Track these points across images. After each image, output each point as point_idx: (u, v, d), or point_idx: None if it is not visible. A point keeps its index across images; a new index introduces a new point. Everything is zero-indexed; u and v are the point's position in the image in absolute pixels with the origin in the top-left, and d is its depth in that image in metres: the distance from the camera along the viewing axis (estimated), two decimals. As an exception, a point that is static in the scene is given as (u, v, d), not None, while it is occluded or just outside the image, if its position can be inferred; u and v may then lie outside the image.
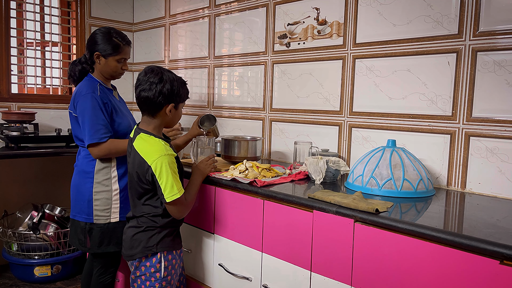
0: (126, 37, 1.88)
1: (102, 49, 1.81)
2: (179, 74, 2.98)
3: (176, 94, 1.53)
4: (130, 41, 1.90)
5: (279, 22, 2.28)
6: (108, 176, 1.81)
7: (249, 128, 2.49)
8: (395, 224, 1.15)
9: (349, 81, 1.97)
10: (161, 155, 1.45)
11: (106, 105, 1.78)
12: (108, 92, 1.86)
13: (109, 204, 1.81)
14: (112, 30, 1.85)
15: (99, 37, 1.82)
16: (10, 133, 2.56)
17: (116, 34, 1.84)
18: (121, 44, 1.84)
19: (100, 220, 1.81)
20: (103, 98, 1.79)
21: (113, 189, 1.82)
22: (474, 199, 1.51)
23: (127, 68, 1.91)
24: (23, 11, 2.92)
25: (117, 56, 1.83)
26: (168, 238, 1.56)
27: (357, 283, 1.26)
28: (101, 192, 1.81)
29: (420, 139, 1.74)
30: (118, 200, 1.82)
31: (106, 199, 1.81)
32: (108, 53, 1.82)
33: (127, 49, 1.87)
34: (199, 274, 1.85)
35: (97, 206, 1.80)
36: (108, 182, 1.81)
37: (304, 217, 1.40)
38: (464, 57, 1.61)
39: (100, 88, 1.81)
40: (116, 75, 1.89)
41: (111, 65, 1.84)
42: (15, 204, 2.89)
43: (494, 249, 0.97)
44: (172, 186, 1.45)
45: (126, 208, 1.84)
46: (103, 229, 1.80)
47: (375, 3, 1.86)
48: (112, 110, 1.81)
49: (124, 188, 1.83)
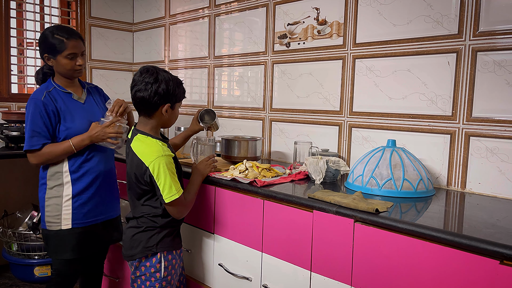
0: (72, 30, 1.76)
1: (48, 50, 1.73)
2: (179, 74, 2.98)
3: (172, 94, 1.52)
4: (76, 34, 1.77)
5: (279, 22, 2.28)
6: (59, 182, 1.76)
7: (249, 128, 2.49)
8: (395, 224, 1.15)
9: (349, 81, 1.97)
10: (158, 156, 1.45)
11: (50, 110, 1.71)
12: (63, 96, 1.77)
13: (59, 210, 1.76)
14: (54, 27, 1.75)
15: (42, 38, 1.74)
16: (10, 133, 2.56)
17: (57, 30, 1.73)
18: (64, 40, 1.71)
19: (52, 227, 1.76)
20: (48, 103, 1.71)
21: (64, 195, 1.76)
22: (474, 199, 1.51)
23: (83, 62, 1.77)
24: (23, 11, 2.92)
25: (64, 52, 1.71)
26: (168, 238, 1.56)
27: (357, 283, 1.26)
28: (52, 198, 1.77)
29: (420, 139, 1.74)
30: (70, 206, 1.76)
31: (56, 205, 1.76)
32: (54, 51, 1.72)
33: (73, 43, 1.73)
34: (199, 274, 1.84)
35: (48, 212, 1.77)
36: (59, 188, 1.76)
37: (304, 217, 1.40)
38: (464, 57, 1.61)
39: (49, 93, 1.74)
40: (72, 73, 1.77)
41: (62, 63, 1.73)
42: (15, 204, 2.89)
43: (494, 249, 0.97)
44: (170, 186, 1.45)
45: (82, 215, 1.78)
46: (55, 236, 1.76)
47: (375, 3, 1.86)
48: (59, 115, 1.73)
49: (79, 193, 1.77)
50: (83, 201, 1.79)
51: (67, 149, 1.72)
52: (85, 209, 1.79)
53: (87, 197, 1.80)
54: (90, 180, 1.80)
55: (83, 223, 1.79)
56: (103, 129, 1.74)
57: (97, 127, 1.75)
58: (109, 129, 1.74)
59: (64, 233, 1.76)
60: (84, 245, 1.81)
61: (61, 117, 1.74)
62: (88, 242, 1.82)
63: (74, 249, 1.78)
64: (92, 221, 1.82)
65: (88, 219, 1.81)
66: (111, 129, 1.74)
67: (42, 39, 1.74)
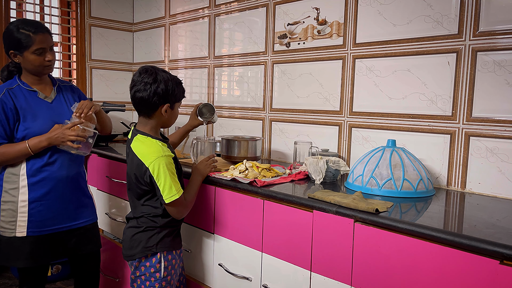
0: (39, 24, 1.65)
1: (13, 46, 1.62)
2: (179, 74, 2.98)
3: (171, 94, 1.52)
4: (43, 27, 1.66)
5: (279, 22, 2.28)
6: (15, 186, 1.65)
7: (249, 128, 2.49)
8: (395, 224, 1.15)
9: (349, 81, 1.97)
10: (158, 157, 1.45)
11: (8, 109, 1.61)
12: (27, 94, 1.67)
13: (14, 216, 1.64)
14: (19, 21, 1.64)
15: (6, 33, 1.63)
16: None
17: (22, 24, 1.61)
18: (30, 34, 1.60)
19: (5, 233, 1.65)
20: (7, 101, 1.61)
21: (19, 200, 1.65)
22: (474, 199, 1.51)
23: (51, 57, 1.67)
24: (23, 11, 2.92)
25: (31, 47, 1.61)
26: (168, 238, 1.56)
27: (357, 283, 1.26)
28: (8, 202, 1.65)
29: (420, 139, 1.74)
30: (26, 212, 1.65)
31: (12, 211, 1.65)
32: (20, 47, 1.61)
33: (40, 37, 1.62)
34: (199, 274, 1.84)
35: (2, 217, 1.66)
36: (15, 192, 1.65)
37: (304, 217, 1.40)
38: (464, 57, 1.61)
39: (9, 91, 1.64)
40: (42, 69, 1.67)
41: (30, 59, 1.63)
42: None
43: (494, 249, 0.97)
44: (170, 187, 1.45)
45: (39, 223, 1.67)
46: (8, 243, 1.65)
47: (375, 3, 1.86)
48: (18, 114, 1.63)
49: (37, 200, 1.66)
50: (41, 208, 1.67)
51: (22, 151, 1.60)
52: (43, 217, 1.67)
53: (46, 204, 1.68)
54: (50, 186, 1.68)
55: (39, 232, 1.68)
56: (63, 130, 1.61)
57: (57, 129, 1.63)
58: (70, 131, 1.61)
59: (17, 241, 1.65)
60: (39, 254, 1.69)
61: (20, 116, 1.63)
62: (44, 251, 1.70)
63: (27, 258, 1.66)
64: (51, 230, 1.70)
65: (45, 228, 1.69)
66: (72, 132, 1.61)
67: (6, 35, 1.63)
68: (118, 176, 2.33)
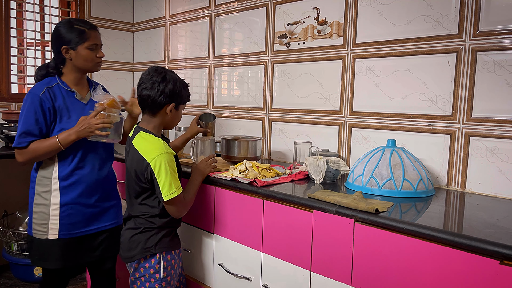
0: (90, 22, 1.72)
1: (67, 41, 1.64)
2: (179, 74, 2.98)
3: (177, 94, 1.53)
4: (95, 26, 1.72)
5: (279, 22, 2.28)
6: (47, 189, 1.66)
7: (249, 128, 2.49)
8: (395, 224, 1.15)
9: (349, 81, 1.97)
10: (160, 153, 1.46)
11: (46, 108, 1.62)
12: (65, 93, 1.68)
13: (46, 219, 1.66)
14: (72, 19, 1.70)
15: (60, 29, 1.66)
16: (10, 133, 2.56)
17: (77, 22, 1.67)
18: (85, 29, 1.66)
19: (37, 235, 1.67)
20: (46, 100, 1.62)
21: (51, 203, 1.66)
22: (474, 199, 1.51)
23: (102, 54, 1.72)
24: (23, 11, 2.92)
25: (86, 43, 1.65)
26: (167, 238, 1.56)
27: (357, 283, 1.26)
28: (40, 205, 1.67)
29: (420, 139, 1.74)
30: (58, 215, 1.65)
31: (44, 213, 1.66)
32: (74, 42, 1.64)
33: (94, 34, 1.68)
34: (199, 274, 1.84)
35: (35, 220, 1.68)
36: (47, 195, 1.66)
37: (304, 217, 1.40)
38: (464, 57, 1.61)
39: (49, 89, 1.64)
40: (93, 65, 1.71)
41: (83, 55, 1.66)
42: (15, 204, 2.89)
43: (494, 249, 0.97)
44: (170, 184, 1.45)
45: (70, 226, 1.68)
46: (40, 244, 1.67)
47: (375, 3, 1.85)
48: (55, 113, 1.64)
49: (68, 203, 1.67)
50: (72, 211, 1.68)
51: (52, 145, 1.59)
52: (74, 219, 1.68)
53: (76, 208, 1.69)
54: (81, 190, 1.69)
55: (70, 234, 1.68)
56: (88, 120, 1.58)
57: (83, 120, 1.60)
58: (95, 119, 1.58)
59: (49, 243, 1.67)
60: (70, 255, 1.71)
61: (57, 116, 1.65)
62: (75, 253, 1.72)
63: (58, 259, 1.68)
64: (81, 233, 1.71)
65: (76, 230, 1.70)
66: (97, 120, 1.58)
67: (60, 31, 1.66)
68: (117, 176, 2.32)
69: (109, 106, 1.63)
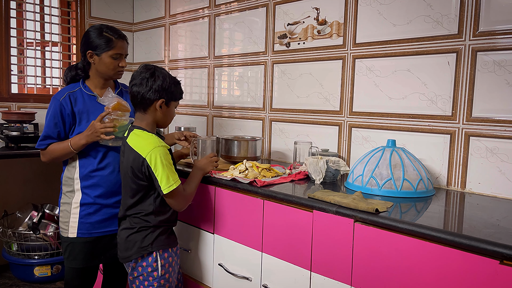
0: (120, 31, 1.75)
1: (93, 46, 1.69)
2: (179, 74, 2.99)
3: (167, 90, 1.54)
4: (124, 35, 1.76)
5: (279, 22, 2.28)
6: (71, 189, 1.73)
7: (249, 128, 2.49)
8: (395, 224, 1.15)
9: (349, 81, 1.97)
10: (155, 147, 1.47)
11: (65, 114, 1.67)
12: (87, 98, 1.73)
13: (68, 217, 1.72)
14: (103, 25, 1.72)
15: (90, 34, 1.70)
16: (10, 133, 2.57)
17: (107, 29, 1.71)
18: (113, 38, 1.69)
19: (62, 232, 1.74)
20: (66, 106, 1.67)
21: (73, 202, 1.72)
22: (474, 199, 1.51)
23: (125, 64, 1.75)
24: (23, 11, 2.92)
25: (111, 51, 1.69)
26: (163, 236, 1.56)
27: (357, 283, 1.26)
28: (64, 204, 1.74)
29: (420, 139, 1.74)
30: (77, 214, 1.71)
31: (67, 212, 1.72)
32: (100, 49, 1.69)
33: (121, 44, 1.72)
34: (198, 274, 1.84)
35: (61, 218, 1.75)
36: (70, 195, 1.73)
37: (304, 217, 1.40)
38: (464, 57, 1.61)
39: (70, 95, 1.69)
40: (113, 74, 1.74)
41: (106, 62, 1.70)
42: (15, 204, 2.89)
43: (494, 249, 0.97)
44: (168, 177, 1.45)
45: (88, 225, 1.71)
46: (65, 242, 1.73)
47: (375, 3, 1.85)
48: (74, 118, 1.69)
49: (87, 203, 1.71)
50: (91, 211, 1.72)
51: (66, 149, 1.66)
52: (92, 219, 1.72)
53: (95, 208, 1.72)
54: (101, 191, 1.72)
55: (89, 234, 1.72)
56: (94, 124, 1.61)
57: (91, 125, 1.64)
58: (99, 124, 1.60)
59: (71, 241, 1.72)
60: (89, 256, 1.74)
61: (77, 120, 1.70)
62: (93, 254, 1.75)
63: (77, 259, 1.72)
64: (100, 233, 1.74)
65: (94, 230, 1.73)
66: (101, 124, 1.60)
67: (90, 35, 1.70)
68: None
69: (114, 109, 1.64)
